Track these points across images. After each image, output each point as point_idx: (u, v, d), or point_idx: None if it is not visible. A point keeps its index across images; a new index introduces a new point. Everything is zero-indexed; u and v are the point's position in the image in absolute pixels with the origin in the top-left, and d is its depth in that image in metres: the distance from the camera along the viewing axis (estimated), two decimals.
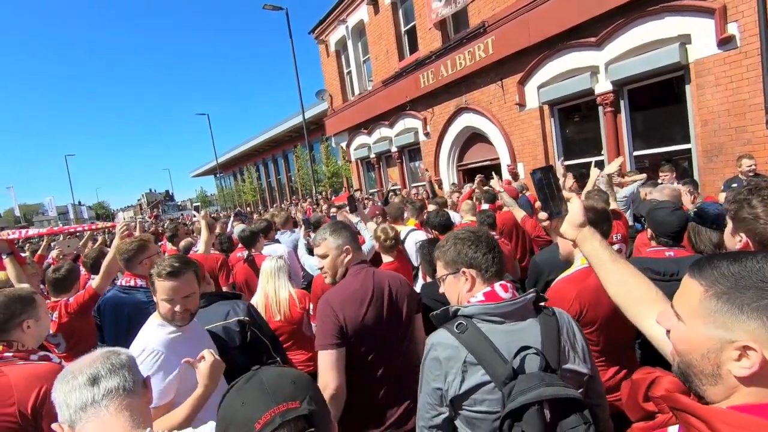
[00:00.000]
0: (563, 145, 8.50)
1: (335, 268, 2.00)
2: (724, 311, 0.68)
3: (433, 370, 1.27)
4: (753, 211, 1.45)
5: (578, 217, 1.23)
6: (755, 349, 0.65)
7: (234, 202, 36.47)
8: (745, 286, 0.67)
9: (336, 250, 1.99)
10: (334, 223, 2.11)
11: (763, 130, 5.54)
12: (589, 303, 1.88)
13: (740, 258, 0.70)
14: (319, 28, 15.24)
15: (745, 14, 5.46)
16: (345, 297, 1.86)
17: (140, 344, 1.76)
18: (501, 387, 1.17)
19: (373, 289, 1.91)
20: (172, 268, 1.78)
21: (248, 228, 4.26)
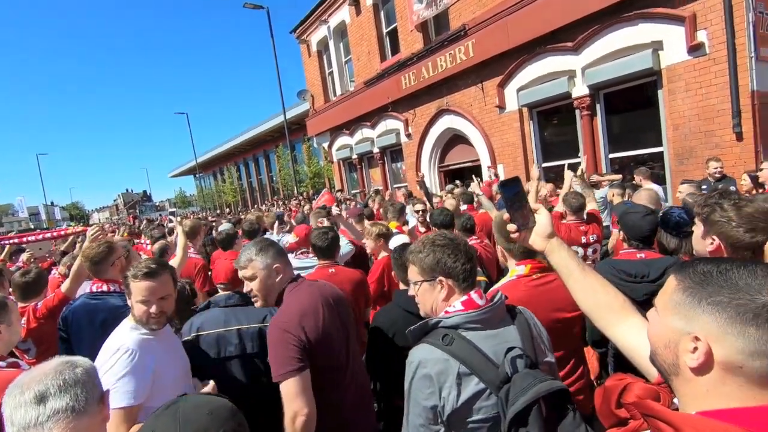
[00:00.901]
0: (542, 148, 8.65)
1: (266, 290, 1.84)
2: (686, 304, 0.71)
3: (425, 389, 1.23)
4: (725, 214, 1.52)
5: (546, 228, 1.24)
6: (701, 340, 0.68)
7: (214, 202, 35.90)
8: (709, 283, 0.69)
9: (265, 270, 1.82)
10: (259, 241, 1.95)
11: (730, 134, 5.75)
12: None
13: (717, 261, 0.73)
14: (301, 27, 15.14)
15: (713, 22, 5.66)
16: (297, 314, 1.72)
17: (114, 343, 1.73)
18: (496, 392, 1.19)
19: (321, 299, 1.81)
20: (148, 269, 1.77)
21: (225, 230, 4.19)
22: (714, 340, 0.67)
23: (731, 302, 0.66)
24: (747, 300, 0.65)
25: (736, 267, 0.69)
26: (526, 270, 1.89)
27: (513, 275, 1.92)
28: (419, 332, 1.34)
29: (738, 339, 0.65)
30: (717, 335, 0.67)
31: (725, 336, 0.66)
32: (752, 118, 5.58)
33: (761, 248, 1.48)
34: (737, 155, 5.74)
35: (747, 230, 1.46)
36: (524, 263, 1.91)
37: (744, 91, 5.56)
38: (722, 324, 0.66)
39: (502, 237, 1.94)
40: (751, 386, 0.66)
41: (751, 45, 5.47)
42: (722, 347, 0.66)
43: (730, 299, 0.66)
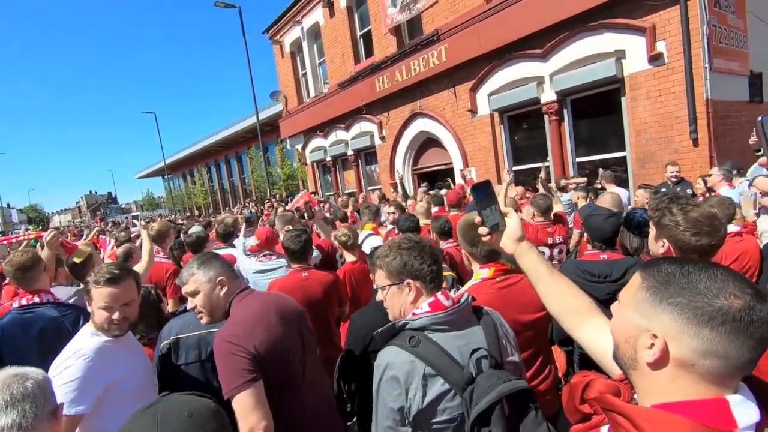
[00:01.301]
0: (512, 151, 8.85)
1: (211, 304, 1.76)
2: (648, 302, 0.75)
3: (392, 391, 1.25)
4: (674, 218, 1.59)
5: (516, 231, 1.26)
6: (659, 338, 0.71)
7: (184, 204, 34.94)
8: (671, 284, 0.73)
9: (208, 284, 1.75)
10: (201, 255, 1.89)
11: (687, 140, 6.04)
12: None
13: (682, 262, 0.76)
14: (274, 28, 14.97)
15: (671, 34, 5.95)
16: (247, 325, 1.64)
17: (71, 348, 1.68)
18: (461, 392, 1.20)
19: (271, 309, 1.75)
20: (111, 275, 1.72)
21: (195, 233, 4.08)
22: (671, 339, 0.71)
23: (690, 304, 0.69)
24: (704, 303, 0.68)
25: (698, 270, 0.72)
26: (490, 273, 1.92)
27: (478, 278, 1.94)
28: (387, 335, 1.34)
29: (693, 339, 0.68)
30: (674, 334, 0.70)
31: (681, 336, 0.70)
32: (707, 125, 5.89)
33: (706, 251, 1.56)
34: (694, 160, 6.04)
35: (693, 234, 1.54)
36: (488, 266, 1.94)
37: (699, 100, 5.86)
38: (680, 324, 0.70)
39: (465, 241, 1.97)
40: (701, 382, 0.70)
41: (706, 56, 5.77)
42: (678, 346, 0.70)
43: (689, 301, 0.69)
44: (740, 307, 0.67)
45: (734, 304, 0.67)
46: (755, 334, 0.66)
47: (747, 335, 0.66)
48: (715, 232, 1.55)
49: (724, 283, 0.69)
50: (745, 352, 0.67)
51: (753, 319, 0.66)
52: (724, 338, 0.67)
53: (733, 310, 0.67)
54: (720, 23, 6.07)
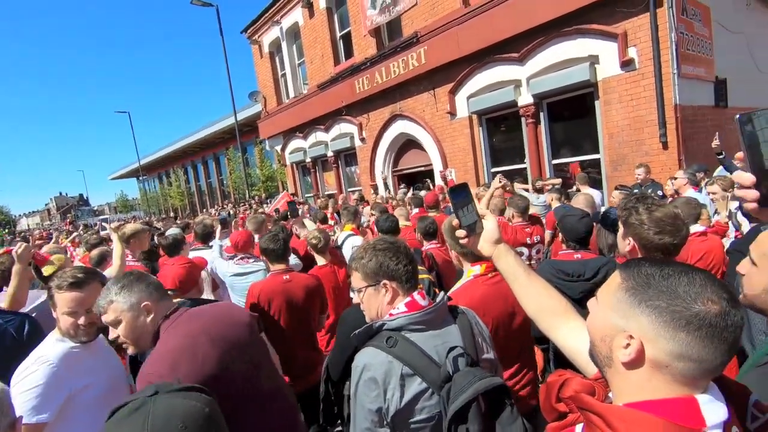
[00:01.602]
0: (491, 153, 8.98)
1: (135, 333, 1.56)
2: (626, 302, 0.76)
3: (370, 392, 1.25)
4: (639, 217, 1.65)
5: (493, 233, 1.27)
6: (635, 339, 0.73)
7: (159, 206, 34.14)
8: (651, 286, 0.74)
9: (130, 312, 1.55)
10: (122, 278, 1.66)
11: (657, 143, 6.25)
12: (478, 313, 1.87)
13: (661, 263, 0.77)
14: (252, 27, 14.79)
15: (641, 40, 6.15)
16: (169, 360, 1.45)
17: (35, 355, 1.62)
18: (438, 391, 1.22)
19: (203, 334, 1.55)
20: (75, 279, 1.67)
21: (172, 235, 3.99)
22: (647, 341, 0.72)
23: (669, 308, 0.70)
24: (682, 308, 0.69)
25: (678, 273, 0.73)
26: (481, 269, 1.97)
27: (470, 275, 1.99)
28: (364, 336, 1.34)
29: (669, 342, 0.70)
30: (651, 336, 0.72)
31: (658, 338, 0.71)
32: (676, 128, 6.11)
33: (669, 249, 1.63)
34: (663, 162, 6.25)
35: (656, 233, 1.60)
36: (479, 263, 1.99)
37: (668, 104, 6.07)
38: (657, 327, 0.71)
39: (454, 240, 2.00)
40: (674, 383, 0.72)
41: (674, 62, 5.99)
42: (653, 347, 0.72)
43: (668, 305, 0.71)
44: (716, 313, 0.68)
45: (711, 309, 0.68)
46: (728, 338, 0.68)
47: (721, 340, 0.68)
48: (677, 231, 1.61)
49: (702, 288, 0.70)
50: (718, 355, 0.69)
51: (727, 324, 0.68)
52: (700, 342, 0.69)
53: (710, 316, 0.68)
54: (687, 31, 6.31)
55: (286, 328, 2.78)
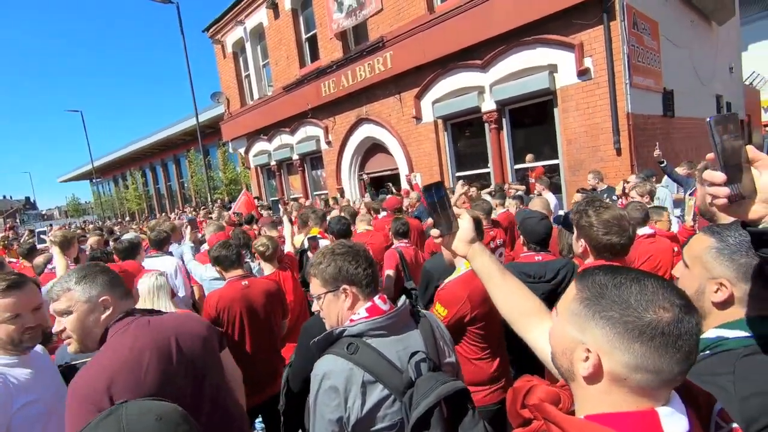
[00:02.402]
0: (456, 158, 9.12)
1: (83, 329, 1.44)
2: (582, 315, 0.74)
3: (330, 402, 1.21)
4: (588, 219, 1.72)
5: (469, 233, 1.25)
6: (592, 353, 0.72)
7: (114, 210, 32.59)
8: (603, 297, 0.73)
9: (86, 304, 1.44)
10: (84, 267, 1.55)
11: (612, 150, 6.55)
12: (478, 301, 2.06)
13: (615, 272, 0.76)
14: (215, 27, 14.42)
15: (596, 51, 6.44)
16: (105, 374, 1.33)
17: None
18: (401, 397, 1.19)
19: (150, 345, 1.43)
20: (10, 281, 1.53)
21: (128, 239, 3.79)
22: (603, 353, 0.71)
23: (621, 318, 0.69)
24: (635, 318, 0.68)
25: (630, 281, 0.72)
26: None
27: (468, 267, 2.05)
28: (324, 343, 1.30)
29: (624, 354, 0.69)
30: (606, 349, 0.71)
31: (613, 350, 0.70)
32: (628, 136, 6.42)
33: (617, 249, 1.70)
34: (617, 168, 6.56)
35: (603, 233, 1.67)
36: None
37: (622, 113, 6.38)
38: (611, 339, 0.70)
39: None
40: (633, 395, 0.71)
41: (626, 73, 6.30)
42: (610, 360, 0.70)
43: (620, 315, 0.70)
44: (669, 321, 0.68)
45: (663, 317, 0.68)
46: (684, 347, 0.67)
47: (676, 348, 0.67)
48: (623, 231, 1.68)
49: (654, 296, 0.69)
50: (675, 365, 0.68)
51: (681, 333, 0.67)
52: (655, 353, 0.68)
53: (662, 324, 0.68)
54: (638, 43, 6.67)
55: (248, 336, 2.69)
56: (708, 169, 0.87)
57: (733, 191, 0.84)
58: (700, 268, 1.15)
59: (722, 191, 0.84)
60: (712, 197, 0.86)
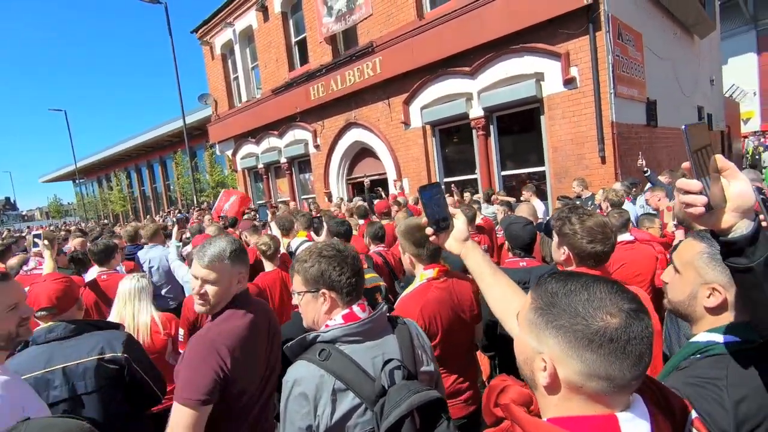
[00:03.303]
0: (443, 163, 9.16)
1: (223, 298, 1.61)
2: (537, 324, 0.75)
3: (300, 409, 1.18)
4: (572, 227, 1.72)
5: (462, 232, 1.27)
6: (548, 362, 0.72)
7: (98, 212, 31.99)
8: (555, 305, 0.73)
9: (234, 277, 1.63)
10: (234, 243, 1.68)
11: (596, 157, 6.64)
12: (431, 316, 1.92)
13: (566, 279, 0.76)
14: (204, 28, 14.31)
15: (582, 61, 6.54)
16: (236, 338, 1.53)
17: None
18: (372, 406, 1.16)
19: (260, 327, 1.65)
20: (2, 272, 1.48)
21: (103, 241, 3.69)
22: (558, 362, 0.71)
23: (571, 327, 0.70)
24: (583, 326, 0.69)
25: (580, 289, 0.73)
26: (434, 273, 1.98)
27: (423, 279, 1.99)
28: (297, 348, 1.28)
29: (577, 362, 0.69)
30: (560, 358, 0.71)
31: (567, 359, 0.70)
32: (612, 144, 6.52)
33: (600, 257, 1.70)
34: (602, 176, 6.64)
35: (588, 241, 1.67)
36: (431, 267, 2.00)
37: (606, 122, 6.48)
38: (564, 347, 0.70)
39: (410, 242, 2.01)
40: (591, 402, 0.71)
41: (611, 82, 6.41)
42: (565, 369, 0.71)
43: (570, 324, 0.70)
44: (616, 327, 0.68)
45: (610, 324, 0.68)
46: (634, 351, 0.67)
47: (625, 354, 0.67)
48: (607, 239, 1.69)
49: (601, 302, 0.70)
50: (626, 370, 0.68)
51: (630, 338, 0.67)
52: (605, 360, 0.68)
53: (609, 331, 0.68)
54: (622, 54, 6.79)
55: None
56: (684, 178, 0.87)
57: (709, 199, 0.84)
58: (692, 273, 1.16)
59: (699, 200, 0.84)
60: (687, 205, 0.86)
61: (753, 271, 0.83)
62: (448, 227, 1.27)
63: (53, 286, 1.96)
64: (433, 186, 1.29)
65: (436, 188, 1.29)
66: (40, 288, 1.96)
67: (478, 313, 2.11)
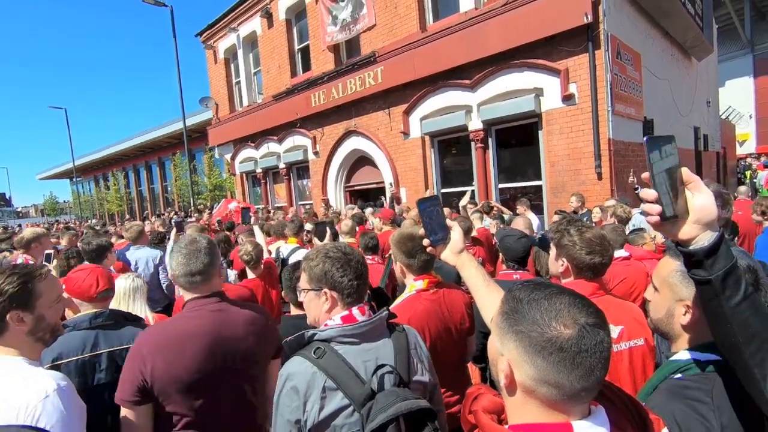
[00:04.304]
0: (441, 174, 9.20)
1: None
2: (501, 327, 0.78)
3: (291, 403, 1.21)
4: (571, 238, 1.73)
5: (458, 244, 1.32)
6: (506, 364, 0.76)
7: (94, 210, 31.84)
8: (517, 311, 0.76)
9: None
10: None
11: (593, 173, 6.69)
12: (419, 327, 1.86)
13: (534, 288, 0.78)
14: (208, 32, 14.42)
15: (581, 78, 6.62)
16: (162, 342, 1.55)
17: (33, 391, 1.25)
18: (359, 409, 1.17)
19: (208, 333, 1.60)
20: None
21: (97, 241, 3.66)
22: (515, 365, 0.75)
23: (528, 333, 0.73)
24: (538, 333, 0.72)
25: (542, 298, 0.75)
26: (424, 285, 1.99)
27: (413, 290, 2.00)
28: (295, 344, 1.31)
29: (530, 367, 0.72)
30: (517, 361, 0.74)
31: (522, 363, 0.73)
32: (609, 161, 6.57)
33: (598, 268, 1.71)
34: (598, 192, 6.69)
35: (587, 252, 1.69)
36: (422, 278, 2.01)
37: (603, 138, 6.54)
38: (521, 352, 0.73)
39: (402, 252, 2.02)
40: (544, 407, 0.74)
41: (609, 100, 6.49)
42: (520, 372, 0.74)
43: (527, 330, 0.73)
44: (568, 337, 0.70)
45: (563, 334, 0.70)
46: (584, 363, 0.69)
47: (574, 365, 0.69)
48: (605, 251, 1.72)
49: (559, 313, 0.72)
50: (575, 381, 0.70)
51: (581, 350, 0.69)
52: (554, 368, 0.70)
53: (561, 340, 0.70)
54: (621, 73, 6.88)
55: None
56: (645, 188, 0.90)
57: (667, 211, 0.87)
58: (667, 291, 1.17)
59: (654, 209, 0.88)
60: (647, 214, 0.90)
61: (711, 284, 0.86)
62: (445, 239, 1.31)
63: (103, 272, 2.00)
64: (432, 199, 1.33)
65: (434, 201, 1.33)
66: (92, 273, 2.02)
67: (470, 326, 2.11)
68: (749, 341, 0.85)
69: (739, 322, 0.85)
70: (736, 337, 0.86)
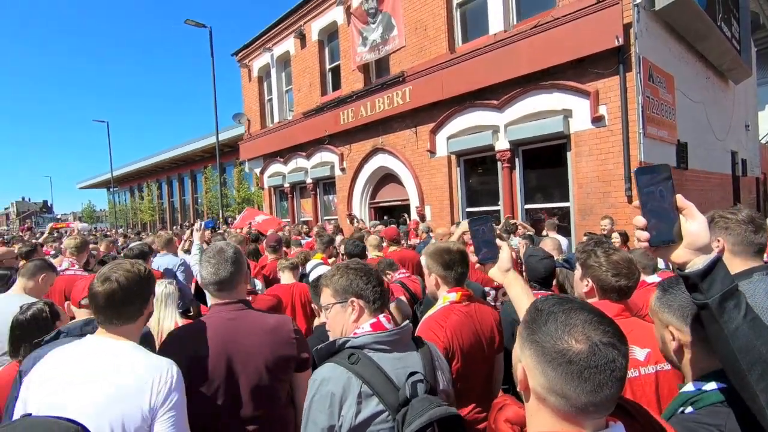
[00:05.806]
0: (467, 193, 9.19)
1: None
2: (522, 335, 0.83)
3: (325, 408, 1.22)
4: (597, 260, 1.73)
5: (506, 263, 1.37)
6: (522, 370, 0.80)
7: (128, 220, 33.08)
8: (535, 322, 0.80)
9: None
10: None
11: (623, 196, 6.55)
12: (452, 338, 1.91)
13: (556, 302, 0.82)
14: (244, 51, 15.04)
15: (611, 100, 6.55)
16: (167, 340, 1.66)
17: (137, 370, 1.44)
18: (395, 414, 1.20)
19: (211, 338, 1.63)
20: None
21: (137, 246, 3.84)
22: (529, 373, 0.79)
23: (542, 343, 0.77)
24: (550, 345, 0.75)
25: (561, 312, 0.78)
26: (457, 297, 2.02)
27: (446, 302, 2.02)
28: (325, 352, 1.34)
29: (541, 376, 0.76)
30: (531, 369, 0.78)
31: (534, 371, 0.77)
32: None
33: (624, 291, 1.70)
34: (628, 215, 6.52)
35: (613, 275, 1.68)
36: (455, 290, 2.04)
37: (634, 161, 6.42)
38: (534, 361, 0.77)
39: (439, 264, 2.05)
40: (556, 417, 0.76)
41: (640, 122, 6.39)
42: (533, 380, 0.78)
43: (542, 340, 0.77)
44: (578, 352, 0.72)
45: (573, 348, 0.73)
46: (592, 379, 0.71)
47: (582, 379, 0.71)
48: (631, 274, 1.70)
49: (573, 328, 0.75)
50: (582, 395, 0.72)
51: (590, 365, 0.71)
52: (561, 379, 0.73)
53: (570, 354, 0.73)
54: (653, 95, 6.78)
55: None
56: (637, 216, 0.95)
57: (662, 236, 0.92)
58: (656, 320, 1.20)
59: (643, 235, 0.93)
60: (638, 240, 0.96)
61: (708, 308, 0.88)
62: (494, 258, 1.37)
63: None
64: (484, 218, 1.38)
65: (487, 221, 1.38)
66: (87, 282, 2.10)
67: (500, 343, 2.10)
68: (751, 367, 0.85)
69: (740, 347, 0.86)
70: (739, 362, 0.87)
